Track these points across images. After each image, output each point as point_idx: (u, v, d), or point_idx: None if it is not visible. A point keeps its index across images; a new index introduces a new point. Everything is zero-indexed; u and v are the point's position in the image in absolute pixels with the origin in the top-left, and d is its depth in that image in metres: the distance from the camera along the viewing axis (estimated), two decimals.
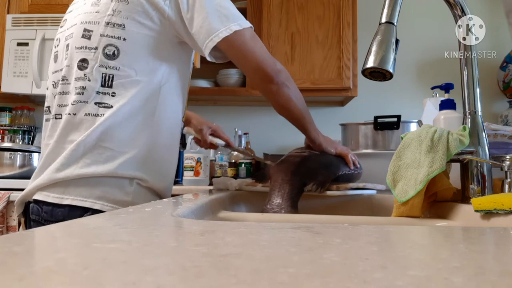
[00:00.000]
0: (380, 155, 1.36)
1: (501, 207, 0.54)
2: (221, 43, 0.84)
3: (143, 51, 0.85)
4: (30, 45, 2.05)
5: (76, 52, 0.87)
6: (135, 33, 0.85)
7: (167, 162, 0.93)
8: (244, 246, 0.30)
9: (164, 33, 0.87)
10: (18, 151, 1.82)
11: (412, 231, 0.42)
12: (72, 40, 0.89)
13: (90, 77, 0.85)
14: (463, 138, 0.70)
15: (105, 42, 0.85)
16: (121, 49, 0.84)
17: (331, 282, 0.20)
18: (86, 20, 0.89)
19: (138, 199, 0.84)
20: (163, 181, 0.91)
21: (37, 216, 0.84)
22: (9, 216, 1.61)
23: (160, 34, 0.86)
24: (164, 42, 0.87)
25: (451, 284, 0.21)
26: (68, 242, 0.32)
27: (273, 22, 2.12)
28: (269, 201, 0.82)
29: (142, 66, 0.85)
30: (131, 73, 0.84)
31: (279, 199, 0.81)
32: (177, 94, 0.92)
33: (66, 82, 0.88)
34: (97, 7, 0.88)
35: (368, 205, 1.00)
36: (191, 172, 1.80)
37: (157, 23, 0.85)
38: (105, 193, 0.81)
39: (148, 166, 0.86)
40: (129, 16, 0.85)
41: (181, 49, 0.92)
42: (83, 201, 0.80)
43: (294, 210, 0.80)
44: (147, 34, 0.85)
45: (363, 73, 0.72)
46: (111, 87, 0.84)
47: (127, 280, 0.20)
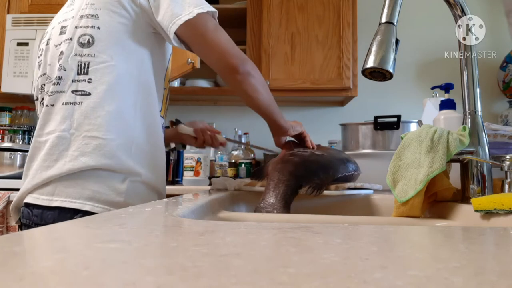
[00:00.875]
0: (380, 155, 1.36)
1: (501, 207, 0.54)
2: (184, 27, 0.83)
3: (118, 38, 0.85)
4: (30, 45, 2.05)
5: (55, 49, 0.88)
6: (109, 21, 0.85)
7: (157, 150, 0.91)
8: (244, 246, 0.30)
9: (138, 22, 0.86)
10: (18, 151, 1.82)
11: (412, 231, 0.42)
12: (51, 40, 0.91)
13: (65, 66, 0.84)
14: (463, 138, 0.70)
15: (80, 33, 0.85)
16: (95, 37, 0.84)
17: (331, 282, 0.20)
18: (62, 19, 0.91)
19: (132, 199, 0.81)
20: (155, 172, 0.89)
21: (27, 220, 0.81)
22: (9, 216, 1.61)
23: (134, 23, 0.86)
24: (138, 31, 0.87)
25: (451, 284, 0.21)
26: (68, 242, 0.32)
27: (273, 22, 2.12)
28: (262, 200, 0.82)
29: (117, 51, 0.84)
30: (107, 59, 0.83)
31: (273, 199, 0.81)
32: (153, 84, 0.90)
33: (49, 79, 0.88)
34: (72, 6, 0.91)
35: (367, 205, 1.00)
36: (191, 172, 1.80)
37: (130, 12, 0.85)
38: (96, 193, 0.78)
39: (139, 154, 0.84)
40: (102, 7, 0.85)
41: (155, 39, 0.91)
42: (72, 202, 0.77)
43: (286, 211, 0.80)
44: (121, 22, 0.85)
45: (363, 73, 0.72)
46: (87, 74, 0.82)
47: (127, 280, 0.20)
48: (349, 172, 0.98)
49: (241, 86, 0.90)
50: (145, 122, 0.87)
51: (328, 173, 0.91)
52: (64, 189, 0.78)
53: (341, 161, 0.99)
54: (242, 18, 2.23)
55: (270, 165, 0.93)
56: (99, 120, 0.80)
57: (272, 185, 0.85)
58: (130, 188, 0.82)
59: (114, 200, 0.79)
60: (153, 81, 0.90)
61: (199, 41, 0.87)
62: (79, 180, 0.78)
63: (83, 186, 0.78)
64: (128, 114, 0.84)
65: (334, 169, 0.94)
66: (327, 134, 2.23)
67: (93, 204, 0.78)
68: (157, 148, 0.91)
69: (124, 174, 0.82)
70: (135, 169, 0.82)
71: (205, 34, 0.86)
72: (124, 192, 0.81)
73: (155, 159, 0.90)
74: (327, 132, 2.26)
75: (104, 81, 0.82)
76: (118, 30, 0.85)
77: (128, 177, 0.82)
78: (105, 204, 0.79)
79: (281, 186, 0.84)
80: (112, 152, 0.80)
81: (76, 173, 0.78)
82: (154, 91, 0.90)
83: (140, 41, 0.87)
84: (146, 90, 0.88)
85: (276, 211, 0.79)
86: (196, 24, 0.84)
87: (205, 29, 0.86)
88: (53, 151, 0.80)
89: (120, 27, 0.85)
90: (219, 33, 0.88)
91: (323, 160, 0.95)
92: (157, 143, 0.92)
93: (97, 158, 0.78)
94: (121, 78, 0.84)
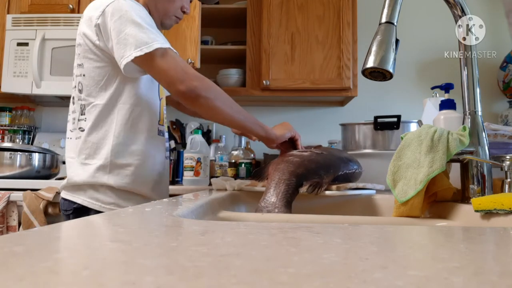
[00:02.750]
0: (380, 155, 1.36)
1: (501, 207, 0.54)
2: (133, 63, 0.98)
3: (97, 80, 1.05)
4: (30, 45, 2.05)
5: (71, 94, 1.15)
6: (89, 67, 1.06)
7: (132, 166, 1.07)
8: (244, 246, 0.30)
9: (109, 61, 1.04)
10: (18, 151, 1.82)
11: (412, 231, 0.42)
12: None
13: (76, 109, 1.10)
14: (463, 138, 0.70)
15: (77, 81, 1.09)
16: (83, 83, 1.07)
17: (331, 282, 0.20)
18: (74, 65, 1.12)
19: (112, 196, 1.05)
20: (131, 182, 1.07)
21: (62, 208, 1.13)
22: (9, 216, 1.61)
23: (107, 63, 1.04)
24: (111, 69, 1.04)
25: (451, 284, 0.21)
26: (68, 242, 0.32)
27: (273, 22, 2.12)
28: (263, 199, 0.82)
29: (97, 92, 1.05)
30: (92, 100, 1.06)
31: (274, 198, 0.81)
32: (138, 102, 1.07)
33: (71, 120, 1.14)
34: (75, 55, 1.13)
35: (368, 205, 0.99)
36: (191, 172, 1.80)
37: (100, 56, 1.04)
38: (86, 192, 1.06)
39: (113, 172, 1.05)
40: (84, 55, 1.06)
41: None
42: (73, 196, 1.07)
43: (287, 210, 0.80)
44: (97, 66, 1.05)
45: (363, 73, 0.72)
46: (84, 114, 1.07)
47: (127, 280, 0.20)
48: (350, 170, 0.98)
49: (199, 109, 1.03)
50: (129, 141, 1.07)
51: (328, 171, 0.91)
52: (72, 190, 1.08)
53: (342, 159, 0.99)
54: (242, 18, 2.23)
55: (270, 166, 0.93)
56: (86, 149, 1.06)
57: (273, 184, 0.85)
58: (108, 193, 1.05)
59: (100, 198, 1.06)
60: (139, 102, 1.08)
61: (151, 72, 1.02)
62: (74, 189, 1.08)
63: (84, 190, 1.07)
64: (107, 142, 1.05)
65: (334, 167, 0.94)
66: (327, 134, 2.23)
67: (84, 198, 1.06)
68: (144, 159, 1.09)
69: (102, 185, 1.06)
70: (108, 182, 1.05)
71: (150, 70, 1.01)
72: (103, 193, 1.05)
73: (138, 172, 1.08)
74: (327, 132, 2.26)
75: (90, 119, 1.06)
76: (96, 73, 1.05)
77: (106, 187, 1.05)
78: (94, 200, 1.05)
79: (282, 185, 0.84)
80: (93, 173, 1.05)
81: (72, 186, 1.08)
82: (140, 111, 1.08)
83: (116, 77, 1.05)
84: (128, 114, 1.06)
85: (277, 210, 0.79)
86: (138, 63, 0.99)
87: (148, 66, 1.00)
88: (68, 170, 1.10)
89: (97, 71, 1.05)
90: (166, 63, 0.99)
91: (323, 158, 0.95)
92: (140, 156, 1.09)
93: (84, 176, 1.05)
94: (102, 113, 1.05)
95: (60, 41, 2.05)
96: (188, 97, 0.98)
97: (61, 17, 2.07)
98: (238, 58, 2.26)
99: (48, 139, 2.27)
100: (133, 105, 1.06)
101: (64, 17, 2.07)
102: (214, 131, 2.41)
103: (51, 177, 1.88)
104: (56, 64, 2.05)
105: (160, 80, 1.02)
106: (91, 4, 1.07)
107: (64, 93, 2.05)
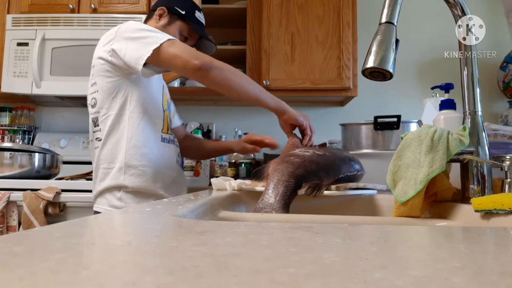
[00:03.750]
0: (380, 155, 1.36)
1: (501, 207, 0.54)
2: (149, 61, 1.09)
3: (109, 93, 1.17)
4: (30, 45, 2.05)
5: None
6: (102, 84, 1.18)
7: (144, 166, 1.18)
8: (244, 246, 0.30)
9: (119, 75, 1.16)
10: (18, 151, 1.82)
11: (412, 231, 0.42)
12: None
13: (91, 123, 1.23)
14: (463, 138, 0.70)
15: (91, 98, 1.22)
16: (97, 98, 1.19)
17: (331, 282, 0.20)
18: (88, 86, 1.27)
19: (127, 201, 1.16)
20: (143, 181, 1.17)
21: None
22: (9, 216, 1.61)
23: (117, 77, 1.16)
24: (121, 82, 1.17)
25: (451, 284, 0.21)
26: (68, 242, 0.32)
27: (273, 22, 2.12)
28: (262, 200, 0.82)
29: (109, 104, 1.18)
30: (105, 111, 1.18)
31: (272, 200, 0.81)
32: (145, 112, 1.19)
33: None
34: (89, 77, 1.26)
35: (368, 205, 0.99)
36: (191, 172, 1.80)
37: (111, 71, 1.16)
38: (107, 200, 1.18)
39: (127, 173, 1.16)
40: (97, 74, 1.19)
41: (138, 79, 1.18)
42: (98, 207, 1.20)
43: (285, 212, 0.80)
44: (109, 81, 1.17)
45: (363, 73, 0.72)
46: (98, 126, 1.20)
47: (127, 280, 0.20)
48: (351, 172, 0.97)
49: (209, 79, 1.07)
50: (138, 146, 1.17)
51: (329, 173, 0.91)
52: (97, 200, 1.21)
53: (344, 161, 0.98)
54: (242, 18, 2.23)
55: (270, 166, 0.93)
56: (103, 156, 1.18)
57: (272, 185, 0.84)
58: (124, 195, 1.17)
59: (117, 204, 1.17)
60: (145, 112, 1.20)
61: (164, 65, 1.11)
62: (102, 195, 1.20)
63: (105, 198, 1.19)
64: (122, 146, 1.16)
65: (335, 169, 0.93)
66: (327, 134, 2.23)
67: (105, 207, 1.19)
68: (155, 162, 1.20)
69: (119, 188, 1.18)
70: (124, 184, 1.16)
71: (164, 61, 1.09)
72: (120, 197, 1.17)
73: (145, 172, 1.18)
74: (327, 132, 2.26)
75: (105, 128, 1.18)
76: (107, 88, 1.17)
77: (121, 189, 1.17)
78: (112, 207, 1.17)
79: (280, 186, 0.84)
80: (112, 176, 1.17)
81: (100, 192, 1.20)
82: (147, 119, 1.20)
83: (125, 89, 1.17)
84: (137, 121, 1.18)
85: (274, 212, 0.79)
86: (154, 59, 1.08)
87: (160, 58, 1.08)
88: (93, 180, 1.23)
89: (108, 85, 1.17)
90: (173, 50, 1.08)
91: (324, 160, 0.94)
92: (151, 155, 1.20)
93: (106, 183, 1.18)
94: (114, 121, 1.17)
95: (60, 41, 2.05)
96: (204, 70, 1.05)
97: (61, 17, 2.07)
98: (238, 58, 2.26)
99: (48, 139, 2.27)
100: (141, 113, 1.19)
101: (64, 17, 2.07)
102: (214, 131, 2.41)
103: (51, 177, 1.88)
104: (56, 64, 2.05)
105: (174, 65, 1.09)
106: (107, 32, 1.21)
107: (64, 93, 2.05)
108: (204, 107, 2.45)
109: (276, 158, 0.97)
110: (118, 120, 1.17)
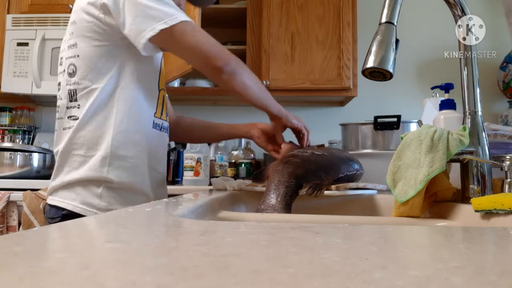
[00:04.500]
0: (380, 155, 1.36)
1: (501, 207, 0.54)
2: (155, 39, 0.88)
3: (94, 61, 0.93)
4: (30, 45, 2.05)
5: (57, 80, 1.02)
6: (85, 47, 0.93)
7: (135, 157, 0.96)
8: (244, 246, 0.30)
9: (110, 40, 0.92)
10: (18, 151, 1.82)
11: (412, 231, 0.42)
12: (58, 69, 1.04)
13: (62, 95, 0.98)
14: (463, 138, 0.70)
15: (68, 63, 0.96)
16: (77, 65, 0.94)
17: (331, 282, 0.20)
18: (62, 49, 1.02)
19: (110, 201, 0.92)
20: (132, 177, 0.95)
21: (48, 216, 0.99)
22: (9, 216, 1.61)
23: (107, 41, 0.93)
24: (112, 48, 0.93)
25: (451, 284, 0.21)
26: (68, 242, 0.32)
27: (273, 22, 2.12)
28: (263, 202, 0.82)
29: (95, 75, 0.93)
30: (88, 84, 0.93)
31: (274, 200, 0.81)
32: (139, 91, 0.96)
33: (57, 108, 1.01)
34: (64, 36, 1.03)
35: (368, 205, 0.99)
36: (191, 172, 1.80)
37: (100, 33, 0.92)
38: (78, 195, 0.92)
39: (113, 164, 0.93)
40: (78, 34, 0.94)
41: (134, 49, 0.92)
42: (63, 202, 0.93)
43: (287, 212, 0.80)
44: (95, 45, 0.93)
45: (363, 73, 0.72)
46: (76, 100, 0.94)
47: (127, 280, 0.20)
48: (350, 171, 0.97)
49: (229, 85, 0.95)
50: (128, 133, 0.95)
51: (328, 173, 0.91)
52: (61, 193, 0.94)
53: (343, 160, 0.98)
54: (242, 18, 2.23)
55: (270, 167, 0.93)
56: (81, 140, 0.93)
57: (273, 186, 0.84)
58: (106, 192, 0.93)
59: (94, 203, 0.92)
60: (139, 88, 0.96)
61: (177, 49, 0.93)
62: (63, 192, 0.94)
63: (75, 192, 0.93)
64: (107, 131, 0.93)
65: (334, 169, 0.94)
66: (327, 134, 2.23)
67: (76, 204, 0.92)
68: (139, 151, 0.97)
69: (100, 182, 0.93)
70: (108, 177, 0.92)
71: (177, 45, 0.91)
72: (99, 194, 0.92)
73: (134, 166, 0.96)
74: (327, 132, 2.26)
75: (86, 105, 0.93)
76: (93, 54, 0.93)
77: (103, 184, 0.93)
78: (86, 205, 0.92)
79: (281, 187, 0.84)
80: (91, 166, 0.92)
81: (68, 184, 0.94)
82: (141, 98, 0.97)
83: (118, 57, 0.94)
84: (130, 100, 0.95)
85: (276, 213, 0.79)
86: (162, 38, 0.88)
87: (174, 40, 0.90)
88: (57, 168, 0.97)
89: (94, 51, 0.93)
90: (197, 37, 0.91)
91: (324, 160, 0.94)
92: (141, 146, 0.97)
93: (79, 173, 0.93)
94: (101, 98, 0.93)
95: (60, 41, 2.03)
96: (225, 73, 0.92)
97: (61, 17, 2.07)
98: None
99: (48, 139, 2.27)
100: (135, 90, 0.95)
101: (64, 17, 2.07)
102: None
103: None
104: (56, 64, 2.04)
105: (191, 56, 0.94)
106: None
107: None
108: (204, 107, 2.45)
109: (275, 161, 0.97)
110: (106, 96, 0.92)
